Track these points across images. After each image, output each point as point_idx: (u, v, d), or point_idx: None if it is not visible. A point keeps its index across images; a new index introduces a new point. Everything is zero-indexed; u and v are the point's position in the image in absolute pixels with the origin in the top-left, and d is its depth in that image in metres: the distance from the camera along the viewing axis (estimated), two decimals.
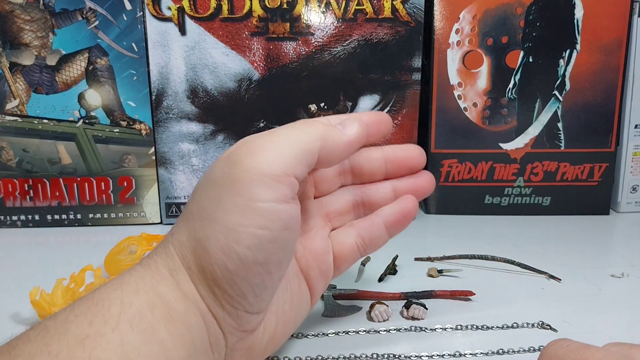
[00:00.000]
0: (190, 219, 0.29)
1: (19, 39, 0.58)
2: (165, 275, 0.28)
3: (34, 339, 0.24)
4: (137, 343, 0.25)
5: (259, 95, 0.60)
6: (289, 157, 0.28)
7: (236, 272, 0.27)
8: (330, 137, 0.30)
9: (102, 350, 0.24)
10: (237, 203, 0.27)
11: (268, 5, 0.58)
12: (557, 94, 0.62)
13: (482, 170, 0.64)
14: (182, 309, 0.27)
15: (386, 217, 0.35)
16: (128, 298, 0.26)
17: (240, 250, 0.27)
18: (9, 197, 0.61)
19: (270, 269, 0.28)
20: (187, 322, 0.27)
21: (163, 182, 0.62)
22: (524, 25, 0.61)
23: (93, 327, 0.25)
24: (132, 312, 0.26)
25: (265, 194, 0.27)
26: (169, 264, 0.28)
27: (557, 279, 0.49)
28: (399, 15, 0.58)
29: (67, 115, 0.60)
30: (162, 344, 0.26)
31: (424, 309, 0.43)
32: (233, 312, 0.28)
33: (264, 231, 0.27)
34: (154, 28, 0.58)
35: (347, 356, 0.39)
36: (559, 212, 0.65)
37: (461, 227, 0.63)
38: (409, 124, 0.61)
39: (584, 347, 0.25)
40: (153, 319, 0.26)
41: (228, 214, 0.27)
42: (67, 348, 0.24)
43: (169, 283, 0.28)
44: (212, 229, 0.27)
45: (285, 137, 0.28)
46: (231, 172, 0.27)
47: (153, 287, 0.27)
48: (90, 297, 0.27)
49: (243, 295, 0.28)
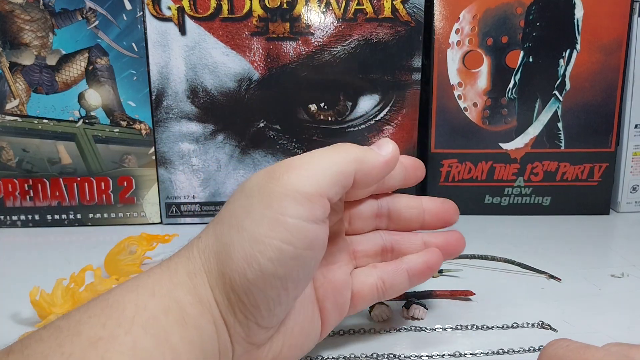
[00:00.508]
0: (220, 223, 0.29)
1: (19, 38, 0.58)
2: (183, 279, 0.28)
3: (47, 339, 0.24)
4: (149, 347, 0.25)
5: (259, 95, 0.60)
6: (324, 177, 0.28)
7: (254, 282, 0.27)
8: (366, 158, 0.30)
9: (114, 352, 0.24)
10: (266, 215, 0.27)
11: (268, 5, 0.58)
12: (557, 94, 0.62)
13: (482, 170, 0.64)
14: (196, 314, 0.27)
15: (410, 265, 0.36)
16: (143, 301, 0.26)
17: (262, 261, 0.27)
18: (9, 197, 0.61)
19: (287, 284, 0.28)
20: (199, 326, 0.27)
21: (163, 182, 0.62)
22: (524, 25, 0.61)
23: (106, 330, 0.25)
24: (146, 316, 0.26)
25: (295, 210, 0.27)
26: (189, 267, 0.29)
27: (557, 279, 0.49)
28: (399, 15, 0.58)
29: (67, 115, 0.60)
30: (174, 349, 0.26)
31: (424, 309, 0.43)
32: (244, 322, 0.29)
33: (288, 246, 0.27)
34: (154, 28, 0.58)
35: (347, 356, 0.39)
36: (559, 212, 0.65)
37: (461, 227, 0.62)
38: (409, 124, 0.61)
39: (583, 347, 0.25)
40: (167, 323, 0.26)
41: (256, 224, 0.27)
42: (80, 349, 0.24)
43: (185, 287, 0.28)
44: (239, 236, 0.28)
45: (321, 159, 0.29)
46: (267, 185, 0.28)
47: (169, 291, 0.27)
48: (104, 299, 0.27)
49: (257, 306, 0.28)
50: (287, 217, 0.27)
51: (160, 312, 0.26)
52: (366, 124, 0.61)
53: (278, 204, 0.27)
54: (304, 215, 0.28)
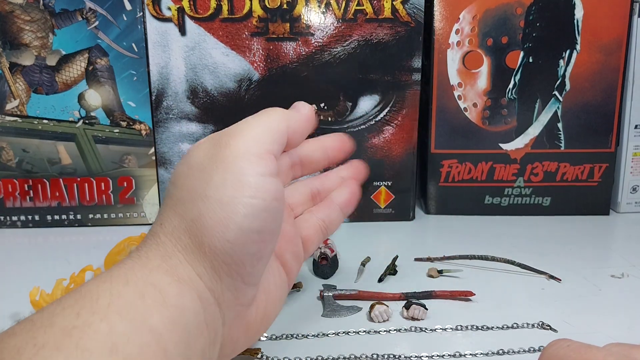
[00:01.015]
0: (178, 204, 0.31)
1: (19, 39, 0.58)
2: (157, 264, 0.29)
3: (20, 333, 0.24)
4: (126, 331, 0.25)
5: (259, 95, 0.60)
6: (266, 138, 0.32)
7: (235, 241, 0.29)
8: (291, 117, 0.35)
9: (89, 339, 0.24)
10: (227, 179, 0.29)
11: (268, 6, 0.58)
12: (557, 94, 0.62)
13: (482, 170, 0.64)
14: (175, 293, 0.28)
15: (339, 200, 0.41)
16: (117, 289, 0.27)
17: (238, 219, 0.29)
18: (9, 197, 0.61)
19: (265, 237, 0.30)
20: (180, 305, 0.28)
21: (163, 183, 0.62)
22: (524, 26, 0.61)
23: (80, 319, 0.25)
24: (121, 303, 0.26)
25: (252, 169, 0.30)
26: (160, 251, 0.30)
27: (557, 279, 0.49)
28: (399, 15, 0.58)
29: (67, 116, 0.60)
30: (154, 330, 0.26)
31: (424, 309, 0.43)
32: (232, 284, 0.30)
33: (257, 200, 0.29)
34: (154, 28, 0.58)
35: (347, 356, 0.39)
36: (559, 212, 0.65)
37: (461, 228, 0.63)
38: (409, 124, 0.61)
39: (584, 347, 0.25)
40: (144, 306, 0.26)
41: (221, 189, 0.29)
42: (54, 339, 0.24)
43: (161, 270, 0.29)
44: (205, 205, 0.29)
45: (259, 123, 0.33)
46: (218, 153, 0.30)
47: (144, 277, 0.28)
48: (78, 291, 0.27)
49: (242, 264, 0.30)
50: (247, 176, 0.30)
51: (136, 298, 0.26)
52: (366, 125, 0.61)
53: (236, 167, 0.30)
54: (261, 171, 0.30)
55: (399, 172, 0.63)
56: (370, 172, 0.44)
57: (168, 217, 0.31)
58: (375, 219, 0.64)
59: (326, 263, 0.50)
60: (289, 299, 0.47)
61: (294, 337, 0.41)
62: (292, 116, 0.35)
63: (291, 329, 0.42)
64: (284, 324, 0.43)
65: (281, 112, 0.34)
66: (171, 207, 0.31)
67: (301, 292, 0.48)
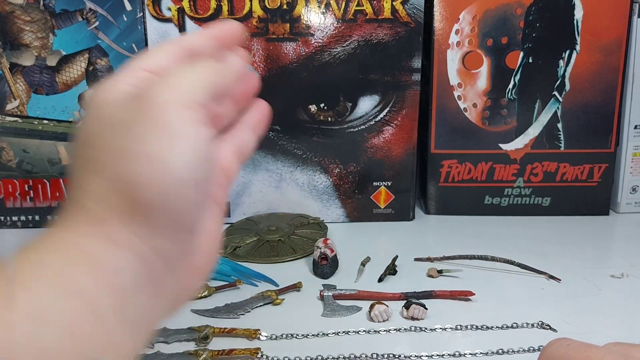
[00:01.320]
0: (101, 165, 0.29)
1: (19, 39, 0.58)
2: (87, 229, 0.28)
3: None
4: (53, 299, 0.24)
5: (258, 95, 0.60)
6: (193, 88, 0.31)
7: (173, 194, 0.29)
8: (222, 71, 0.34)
9: (8, 310, 0.23)
10: (157, 132, 0.29)
11: (268, 6, 0.58)
12: (556, 95, 0.62)
13: (482, 170, 0.64)
14: (107, 255, 0.27)
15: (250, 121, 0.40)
16: (45, 258, 0.26)
17: (174, 171, 0.28)
18: (9, 197, 0.61)
19: (201, 184, 0.30)
20: (114, 267, 0.27)
21: None
22: (524, 26, 0.61)
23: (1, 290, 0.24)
24: (47, 272, 0.25)
25: (182, 119, 0.29)
26: (90, 217, 0.29)
27: (556, 279, 0.50)
28: (398, 16, 0.58)
29: (67, 116, 0.60)
30: (84, 295, 0.26)
31: (423, 309, 0.43)
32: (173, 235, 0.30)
33: (191, 150, 0.29)
34: (154, 29, 0.58)
35: (347, 356, 0.39)
36: (559, 212, 0.65)
37: (461, 228, 0.63)
38: (409, 124, 0.61)
39: (585, 346, 0.25)
40: (72, 273, 0.26)
41: (151, 143, 0.28)
42: None
43: (92, 235, 0.28)
44: (137, 162, 0.28)
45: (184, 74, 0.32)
46: (142, 106, 0.29)
47: (74, 244, 0.27)
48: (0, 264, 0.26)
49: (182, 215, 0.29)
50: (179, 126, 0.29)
51: (64, 265, 0.26)
52: (366, 125, 0.61)
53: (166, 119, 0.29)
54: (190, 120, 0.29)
55: (398, 172, 0.63)
56: (370, 172, 0.43)
57: (89, 182, 0.29)
58: (375, 219, 0.64)
59: (326, 263, 0.50)
60: (289, 299, 0.47)
61: (294, 337, 0.41)
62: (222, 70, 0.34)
63: (291, 329, 0.42)
64: (284, 324, 0.43)
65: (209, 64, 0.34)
66: (89, 169, 0.30)
67: (301, 292, 0.48)
